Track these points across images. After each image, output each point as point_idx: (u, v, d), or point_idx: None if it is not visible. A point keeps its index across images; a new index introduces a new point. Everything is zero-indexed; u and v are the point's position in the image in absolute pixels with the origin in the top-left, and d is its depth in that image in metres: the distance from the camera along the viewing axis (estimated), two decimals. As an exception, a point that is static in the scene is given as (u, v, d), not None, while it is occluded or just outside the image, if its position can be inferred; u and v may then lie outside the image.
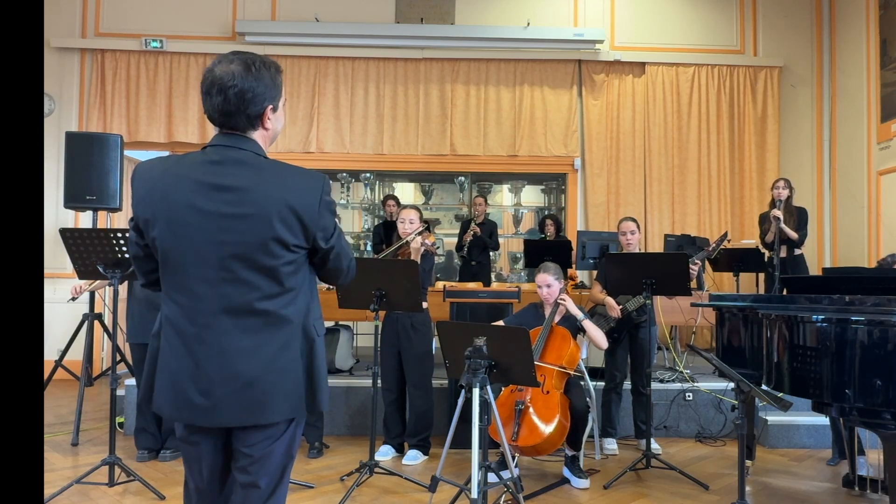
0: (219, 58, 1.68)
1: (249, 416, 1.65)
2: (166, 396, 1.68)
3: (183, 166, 1.66)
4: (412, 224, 4.06)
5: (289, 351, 1.68)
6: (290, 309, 1.69)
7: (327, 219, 1.71)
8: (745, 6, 7.54)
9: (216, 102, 1.65)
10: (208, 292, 1.64)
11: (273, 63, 1.72)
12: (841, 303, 2.99)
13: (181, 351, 1.65)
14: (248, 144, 1.68)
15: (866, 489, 3.47)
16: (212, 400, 1.63)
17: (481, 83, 7.36)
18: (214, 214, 1.62)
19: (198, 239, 1.62)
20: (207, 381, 1.63)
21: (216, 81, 1.64)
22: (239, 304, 1.64)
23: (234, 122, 1.67)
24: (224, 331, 1.64)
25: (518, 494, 2.98)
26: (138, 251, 1.74)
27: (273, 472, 1.72)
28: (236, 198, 1.62)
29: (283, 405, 1.67)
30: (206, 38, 7.23)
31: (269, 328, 1.66)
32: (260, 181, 1.64)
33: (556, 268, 3.96)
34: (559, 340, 3.77)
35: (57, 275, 6.69)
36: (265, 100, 1.68)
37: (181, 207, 1.62)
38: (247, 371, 1.64)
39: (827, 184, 7.41)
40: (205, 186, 1.62)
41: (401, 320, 4.07)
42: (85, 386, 4.68)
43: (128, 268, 3.47)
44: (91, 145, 5.25)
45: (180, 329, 1.65)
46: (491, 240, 6.83)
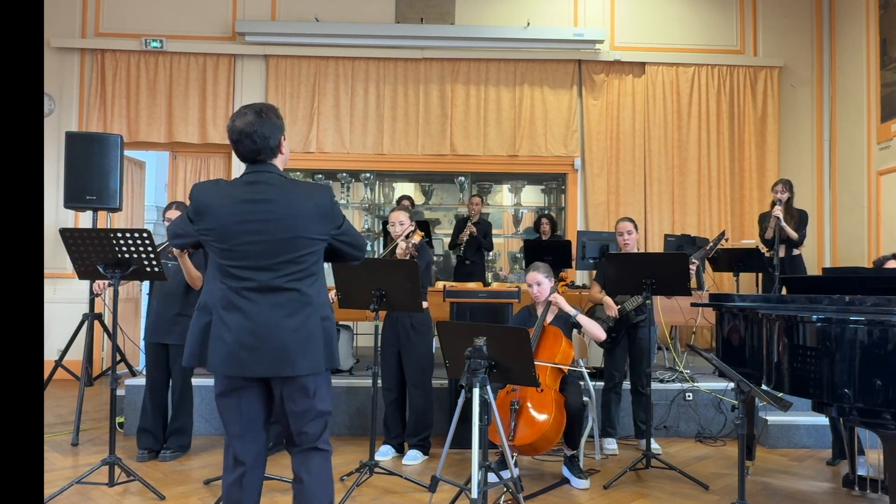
0: (234, 114, 2.28)
1: (281, 369, 2.20)
2: (219, 355, 2.20)
3: (229, 187, 2.28)
4: (402, 226, 4.07)
5: (311, 320, 2.23)
6: (311, 288, 2.26)
7: (338, 212, 2.33)
8: (745, 6, 7.54)
9: (246, 146, 2.25)
10: (251, 276, 2.20)
11: (273, 107, 2.31)
12: (841, 303, 2.99)
13: (231, 321, 2.19)
14: (271, 168, 2.29)
15: (866, 489, 3.47)
16: (255, 356, 2.18)
17: (481, 83, 7.36)
18: (253, 220, 2.20)
19: (243, 238, 2.20)
20: (252, 342, 2.18)
21: (242, 131, 2.23)
22: (274, 284, 2.20)
23: (262, 156, 2.27)
24: (263, 304, 2.19)
25: (518, 494, 2.98)
26: (188, 237, 2.30)
27: (316, 417, 2.28)
28: (268, 207, 2.21)
29: (305, 362, 2.21)
30: (206, 38, 7.23)
31: (295, 303, 2.22)
32: (284, 194, 2.24)
33: (545, 266, 3.97)
34: (551, 339, 3.78)
35: (57, 275, 6.68)
36: (278, 134, 2.28)
37: (229, 216, 2.20)
38: (280, 335, 2.18)
39: (827, 184, 7.41)
40: (245, 201, 2.22)
41: (401, 320, 4.07)
42: (85, 386, 4.68)
43: (128, 268, 3.46)
44: (91, 145, 5.25)
45: (229, 304, 2.21)
46: (486, 240, 6.82)
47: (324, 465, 2.32)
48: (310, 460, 2.30)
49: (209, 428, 4.69)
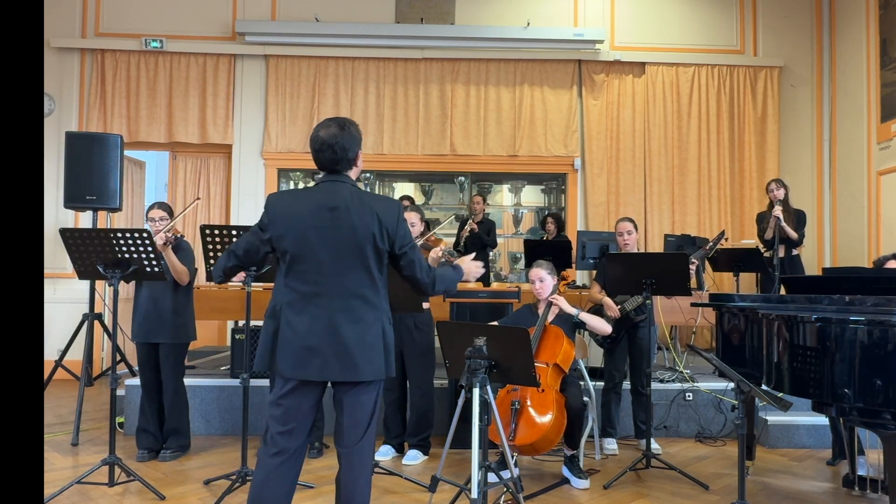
0: (318, 125, 2.41)
1: (347, 374, 2.30)
2: (288, 360, 2.30)
3: (305, 194, 2.40)
4: (413, 227, 4.04)
5: (374, 328, 2.33)
6: (376, 297, 2.36)
7: (404, 230, 2.40)
8: (745, 6, 7.54)
9: (327, 156, 2.37)
10: (322, 282, 2.30)
11: (354, 122, 2.45)
12: (841, 303, 2.99)
13: (301, 326, 2.29)
14: (346, 179, 2.42)
15: (866, 489, 3.47)
16: (320, 360, 2.28)
17: (481, 83, 7.36)
18: (327, 227, 2.30)
19: (316, 245, 2.30)
20: (318, 346, 2.28)
21: (325, 142, 2.37)
22: (343, 291, 2.30)
23: (339, 167, 2.40)
24: (332, 310, 2.29)
25: (518, 494, 2.98)
26: (260, 247, 2.40)
27: (366, 417, 2.38)
28: (342, 215, 2.31)
29: (370, 368, 2.31)
30: (206, 38, 7.23)
31: (362, 309, 2.32)
32: (355, 203, 2.33)
33: (549, 264, 3.97)
34: (553, 339, 3.77)
35: (57, 275, 6.69)
36: (356, 147, 2.43)
37: (305, 222, 2.31)
38: (346, 341, 2.28)
39: (827, 184, 7.41)
40: (320, 208, 2.32)
41: (403, 320, 4.06)
42: (85, 386, 4.68)
43: (128, 268, 3.46)
44: (91, 145, 5.25)
45: (300, 310, 2.30)
46: (489, 237, 6.82)
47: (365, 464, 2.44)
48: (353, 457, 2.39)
49: (209, 428, 4.69)
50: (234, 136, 7.23)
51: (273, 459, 2.33)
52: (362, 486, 2.39)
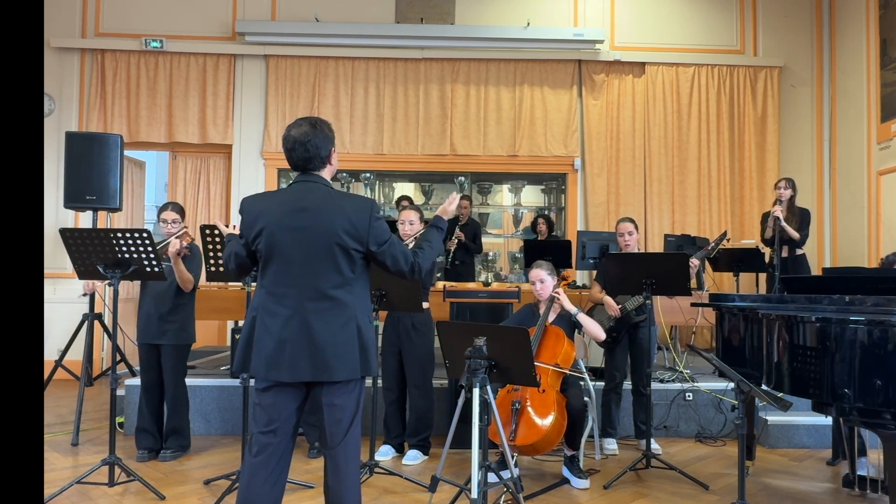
0: (290, 125, 2.39)
1: (320, 374, 2.28)
2: (261, 360, 2.30)
3: (277, 195, 2.42)
4: (412, 226, 4.04)
5: (347, 327, 2.31)
6: (349, 296, 2.33)
7: (378, 228, 2.36)
8: (745, 6, 7.54)
9: (299, 154, 2.36)
10: (294, 283, 2.30)
11: (326, 121, 2.44)
12: (841, 303, 2.99)
13: (274, 327, 2.29)
14: (319, 179, 2.41)
15: (866, 489, 3.47)
16: (293, 361, 2.27)
17: (481, 83, 7.36)
18: (298, 228, 2.30)
19: (288, 246, 2.30)
20: (291, 347, 2.27)
21: (297, 140, 2.35)
22: (315, 292, 2.29)
23: (312, 165, 2.39)
24: (305, 311, 2.28)
25: (518, 494, 2.98)
26: (241, 251, 2.43)
27: (347, 417, 2.38)
28: (312, 216, 2.30)
29: (344, 368, 2.29)
30: (206, 38, 7.22)
31: (334, 310, 2.30)
32: (327, 204, 2.32)
33: (549, 264, 3.96)
34: (553, 339, 3.77)
35: (57, 275, 6.68)
36: (329, 146, 2.41)
37: (277, 222, 2.31)
38: (318, 342, 2.27)
39: (827, 184, 7.41)
40: (292, 209, 2.31)
41: (402, 320, 4.07)
42: (85, 386, 4.68)
43: (128, 268, 3.46)
44: (91, 145, 5.25)
45: (272, 311, 2.30)
46: (475, 243, 6.75)
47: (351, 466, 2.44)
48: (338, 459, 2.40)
49: (209, 428, 4.69)
50: (234, 136, 7.23)
51: (255, 459, 2.33)
52: (348, 487, 2.38)
